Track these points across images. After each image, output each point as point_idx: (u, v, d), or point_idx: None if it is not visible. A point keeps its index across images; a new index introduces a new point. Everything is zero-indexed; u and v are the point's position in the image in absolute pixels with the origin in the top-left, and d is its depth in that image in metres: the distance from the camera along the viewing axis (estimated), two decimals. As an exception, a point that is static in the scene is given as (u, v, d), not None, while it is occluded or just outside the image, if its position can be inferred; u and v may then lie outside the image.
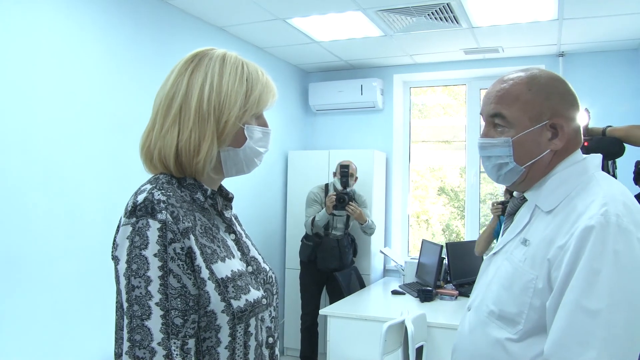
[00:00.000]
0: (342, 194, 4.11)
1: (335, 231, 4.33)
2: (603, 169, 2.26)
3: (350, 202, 4.12)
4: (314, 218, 4.23)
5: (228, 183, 1.22)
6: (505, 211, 3.29)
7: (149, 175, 1.13)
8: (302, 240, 4.44)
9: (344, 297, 3.98)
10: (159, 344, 0.94)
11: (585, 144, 2.33)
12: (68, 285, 2.74)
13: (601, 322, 0.97)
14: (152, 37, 3.34)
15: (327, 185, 4.46)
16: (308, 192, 4.44)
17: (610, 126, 2.47)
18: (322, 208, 4.25)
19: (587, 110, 2.51)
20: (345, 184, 4.14)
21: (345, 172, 4.15)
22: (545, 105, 1.18)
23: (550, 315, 1.05)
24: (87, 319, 2.81)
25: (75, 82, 2.81)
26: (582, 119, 1.27)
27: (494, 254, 1.30)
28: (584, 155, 1.22)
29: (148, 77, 3.24)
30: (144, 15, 3.28)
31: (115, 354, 1.04)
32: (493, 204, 3.51)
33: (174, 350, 0.95)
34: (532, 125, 1.18)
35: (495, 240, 3.77)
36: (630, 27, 3.81)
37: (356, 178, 4.36)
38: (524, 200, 1.27)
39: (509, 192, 3.42)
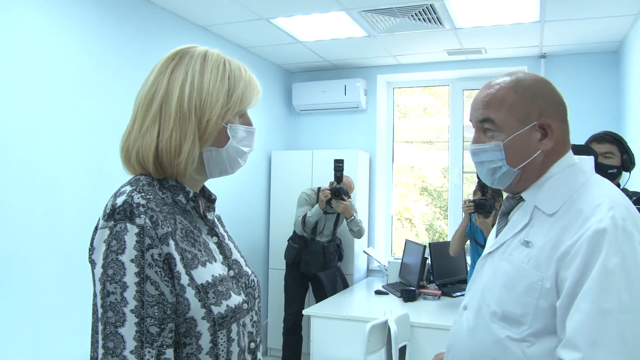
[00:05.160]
0: (338, 187, 4.04)
1: (321, 237, 4.31)
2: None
3: (343, 197, 4.05)
4: (304, 216, 4.18)
5: (210, 182, 1.20)
6: (476, 209, 3.32)
7: (128, 174, 1.11)
8: (288, 242, 4.42)
9: (327, 297, 3.98)
10: (131, 352, 0.91)
11: None
12: (46, 285, 2.69)
13: (613, 323, 0.99)
14: (133, 36, 3.30)
15: (319, 189, 4.42)
16: (300, 192, 4.40)
17: None
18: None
19: None
20: (339, 179, 4.05)
21: (339, 167, 4.01)
22: (532, 106, 1.20)
23: (561, 315, 1.06)
24: (66, 319, 2.77)
25: (54, 81, 2.77)
26: None
27: (489, 253, 1.29)
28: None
29: (128, 76, 3.20)
30: (125, 13, 3.24)
31: (91, 358, 1.02)
32: (465, 202, 3.49)
33: (148, 359, 0.92)
34: (521, 127, 1.19)
35: (468, 240, 3.78)
36: (609, 29, 3.86)
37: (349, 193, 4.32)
38: (519, 200, 1.27)
39: (480, 190, 3.42)
